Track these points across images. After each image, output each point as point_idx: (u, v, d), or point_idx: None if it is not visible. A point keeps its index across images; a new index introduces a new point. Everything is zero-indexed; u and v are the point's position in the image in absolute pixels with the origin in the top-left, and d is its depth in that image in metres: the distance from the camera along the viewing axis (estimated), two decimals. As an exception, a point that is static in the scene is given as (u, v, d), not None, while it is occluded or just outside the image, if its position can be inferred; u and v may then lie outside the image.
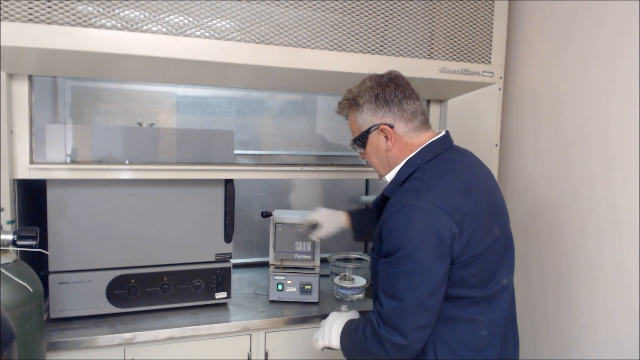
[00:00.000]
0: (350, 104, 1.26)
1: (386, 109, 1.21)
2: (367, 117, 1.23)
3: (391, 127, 1.21)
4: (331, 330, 1.29)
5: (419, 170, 1.18)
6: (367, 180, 2.55)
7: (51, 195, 1.54)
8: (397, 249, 1.07)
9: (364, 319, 1.21)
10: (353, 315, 1.34)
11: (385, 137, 1.22)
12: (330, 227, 1.60)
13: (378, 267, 1.15)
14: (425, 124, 1.25)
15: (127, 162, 1.60)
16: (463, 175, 1.17)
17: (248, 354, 1.65)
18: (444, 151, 1.21)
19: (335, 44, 1.57)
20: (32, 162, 1.48)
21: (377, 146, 1.24)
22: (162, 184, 1.66)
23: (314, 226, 1.62)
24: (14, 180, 1.46)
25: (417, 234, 1.05)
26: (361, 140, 1.26)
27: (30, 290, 1.15)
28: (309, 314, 1.72)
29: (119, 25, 1.35)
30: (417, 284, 1.05)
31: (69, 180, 1.55)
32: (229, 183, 1.74)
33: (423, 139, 1.22)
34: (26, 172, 1.46)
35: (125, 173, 1.53)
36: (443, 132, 1.25)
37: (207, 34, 1.43)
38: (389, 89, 1.22)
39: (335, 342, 1.26)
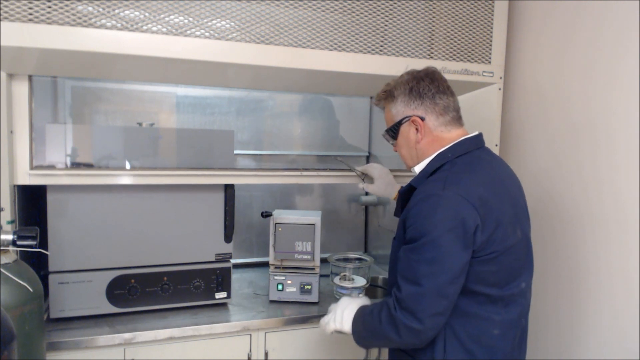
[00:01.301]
0: (386, 95, 1.32)
1: (419, 101, 1.26)
2: (400, 109, 1.28)
3: (422, 119, 1.25)
4: (343, 314, 1.30)
5: (449, 164, 1.21)
6: (367, 180, 2.54)
7: (51, 195, 1.54)
8: (422, 235, 1.09)
9: (379, 303, 1.22)
10: (366, 301, 1.36)
11: (416, 129, 1.26)
12: (381, 190, 1.67)
13: (399, 254, 1.17)
14: (458, 120, 1.29)
15: (127, 166, 1.61)
16: (492, 174, 1.20)
17: (248, 354, 1.65)
18: (475, 149, 1.24)
19: (335, 44, 1.57)
20: (32, 168, 1.48)
21: (407, 137, 1.29)
22: (163, 185, 1.66)
23: (367, 176, 1.70)
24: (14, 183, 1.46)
25: (442, 222, 1.08)
26: (393, 130, 1.32)
27: (30, 290, 1.15)
28: (309, 314, 1.72)
29: (119, 25, 1.35)
30: (438, 270, 1.07)
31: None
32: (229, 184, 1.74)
33: (453, 135, 1.26)
34: (26, 177, 1.46)
35: (125, 178, 1.53)
36: (476, 132, 1.29)
37: (207, 34, 1.43)
38: (424, 83, 1.26)
39: (347, 326, 1.28)
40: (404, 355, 1.25)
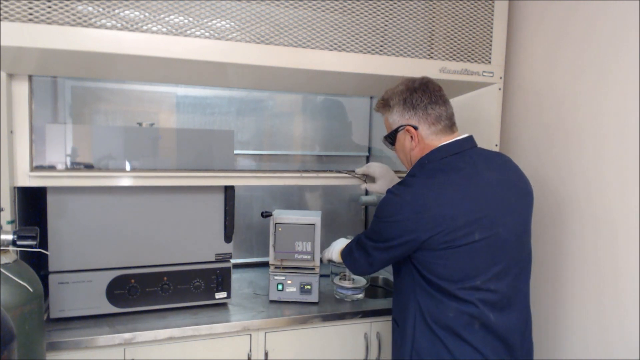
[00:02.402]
0: (383, 104, 1.44)
1: (412, 112, 1.36)
2: (396, 118, 1.39)
3: (415, 128, 1.36)
4: (334, 248, 1.73)
5: (422, 169, 1.33)
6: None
7: (51, 195, 1.54)
8: (376, 216, 1.34)
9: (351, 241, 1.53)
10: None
11: (411, 137, 1.37)
12: (382, 188, 1.71)
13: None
14: (450, 128, 1.37)
15: (127, 167, 1.61)
16: (455, 179, 1.27)
17: (248, 354, 1.65)
18: (452, 155, 1.32)
19: (335, 44, 1.57)
20: (32, 168, 1.48)
21: (403, 144, 1.41)
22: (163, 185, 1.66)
23: (368, 177, 1.76)
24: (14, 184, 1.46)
25: (386, 215, 1.29)
26: (391, 137, 1.44)
27: (30, 290, 1.15)
28: (309, 314, 1.72)
29: (119, 25, 1.35)
30: (373, 244, 1.36)
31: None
32: (229, 183, 1.74)
33: (439, 143, 1.35)
34: (26, 179, 1.46)
35: (126, 180, 1.53)
36: (459, 137, 1.35)
37: (207, 34, 1.43)
38: (417, 95, 1.36)
39: (336, 256, 1.71)
40: (395, 326, 1.43)
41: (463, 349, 1.25)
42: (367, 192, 2.56)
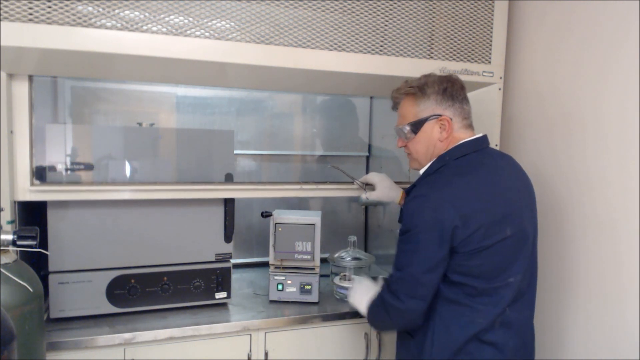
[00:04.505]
0: (414, 90, 1.36)
1: (450, 102, 1.34)
2: (430, 106, 1.34)
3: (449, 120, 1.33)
4: (362, 302, 1.48)
5: (445, 167, 1.30)
6: (367, 180, 2.54)
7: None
8: (408, 229, 1.24)
9: (377, 294, 1.37)
10: (375, 287, 1.47)
11: (441, 128, 1.33)
12: (384, 195, 1.70)
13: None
14: (470, 126, 1.38)
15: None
16: (483, 176, 1.27)
17: (248, 354, 1.65)
18: (472, 152, 1.31)
19: (335, 44, 1.57)
20: (32, 183, 1.48)
21: (429, 135, 1.35)
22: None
23: (368, 185, 1.74)
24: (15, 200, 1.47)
25: (424, 220, 1.21)
26: (417, 125, 1.36)
27: (30, 290, 1.15)
28: (309, 314, 1.72)
29: (119, 25, 1.35)
30: (416, 261, 1.23)
31: (70, 180, 1.55)
32: (229, 182, 1.74)
33: (464, 138, 1.34)
34: (26, 194, 1.46)
35: (126, 194, 1.53)
36: (478, 135, 1.35)
37: (207, 34, 1.43)
38: (456, 87, 1.36)
39: (364, 311, 1.46)
40: (408, 337, 1.37)
41: (486, 351, 1.25)
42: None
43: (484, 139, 1.36)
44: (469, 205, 1.21)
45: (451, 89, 1.34)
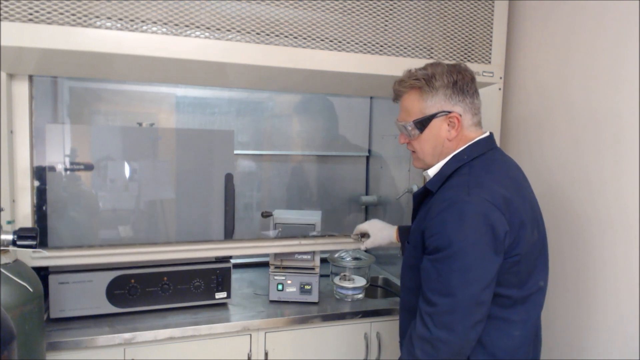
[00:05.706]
0: (421, 84, 1.19)
1: (460, 97, 1.18)
2: (438, 101, 1.18)
3: (459, 116, 1.18)
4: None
5: (467, 167, 1.16)
6: (367, 181, 2.55)
7: (51, 195, 1.54)
8: (450, 243, 1.04)
9: (406, 342, 1.16)
10: None
11: (450, 125, 1.18)
12: (378, 238, 1.63)
13: (424, 264, 1.11)
14: (480, 122, 1.24)
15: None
16: (509, 174, 1.17)
17: (248, 354, 1.65)
18: (488, 151, 1.20)
19: (335, 44, 1.57)
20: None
21: (437, 133, 1.20)
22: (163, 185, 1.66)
23: (363, 235, 1.67)
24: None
25: (471, 228, 1.04)
26: (423, 123, 1.20)
27: (30, 290, 1.15)
28: (309, 314, 1.72)
29: (119, 25, 1.35)
30: (472, 279, 1.03)
31: (69, 180, 1.55)
32: (229, 182, 1.74)
33: (474, 136, 1.21)
34: (29, 261, 1.41)
35: (127, 257, 1.53)
36: (487, 133, 1.23)
37: (207, 34, 1.43)
38: (467, 79, 1.19)
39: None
40: None
41: None
42: (367, 192, 2.56)
43: (492, 138, 1.24)
44: (509, 207, 1.08)
45: (462, 82, 1.18)
